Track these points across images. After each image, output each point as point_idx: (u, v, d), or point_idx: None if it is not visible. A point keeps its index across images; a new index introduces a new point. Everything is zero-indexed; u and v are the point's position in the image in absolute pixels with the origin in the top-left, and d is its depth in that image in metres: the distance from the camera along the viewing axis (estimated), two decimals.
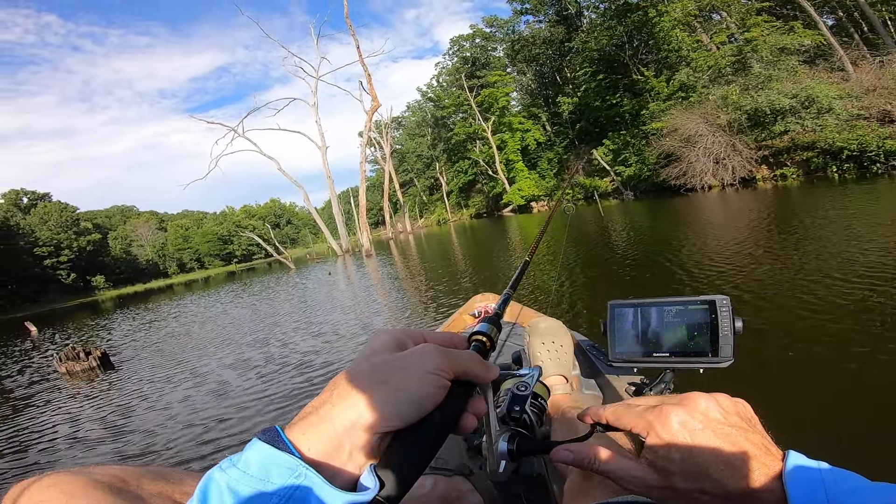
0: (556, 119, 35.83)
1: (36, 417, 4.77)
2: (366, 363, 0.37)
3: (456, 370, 0.38)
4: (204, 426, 3.50)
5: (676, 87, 19.67)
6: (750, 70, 16.32)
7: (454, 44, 43.76)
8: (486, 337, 0.44)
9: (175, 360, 6.39)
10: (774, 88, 14.34)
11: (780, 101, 13.94)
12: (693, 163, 16.21)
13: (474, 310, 2.49)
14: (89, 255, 57.64)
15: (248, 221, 76.38)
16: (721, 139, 15.67)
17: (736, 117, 15.34)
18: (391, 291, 8.96)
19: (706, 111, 16.27)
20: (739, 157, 15.38)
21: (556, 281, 5.79)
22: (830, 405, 2.04)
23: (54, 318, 23.50)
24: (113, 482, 0.44)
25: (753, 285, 4.04)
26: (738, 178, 15.53)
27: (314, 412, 0.34)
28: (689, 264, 5.43)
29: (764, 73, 15.06)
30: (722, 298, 0.56)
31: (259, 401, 3.78)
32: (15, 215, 53.64)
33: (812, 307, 3.22)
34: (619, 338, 0.63)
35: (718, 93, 16.16)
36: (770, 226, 7.14)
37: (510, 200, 34.55)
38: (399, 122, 56.18)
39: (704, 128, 15.97)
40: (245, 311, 10.47)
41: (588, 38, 27.20)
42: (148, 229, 72.42)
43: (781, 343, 2.79)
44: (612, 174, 25.01)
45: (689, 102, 17.83)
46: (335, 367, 4.26)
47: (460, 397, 0.39)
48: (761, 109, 14.48)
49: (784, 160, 14.77)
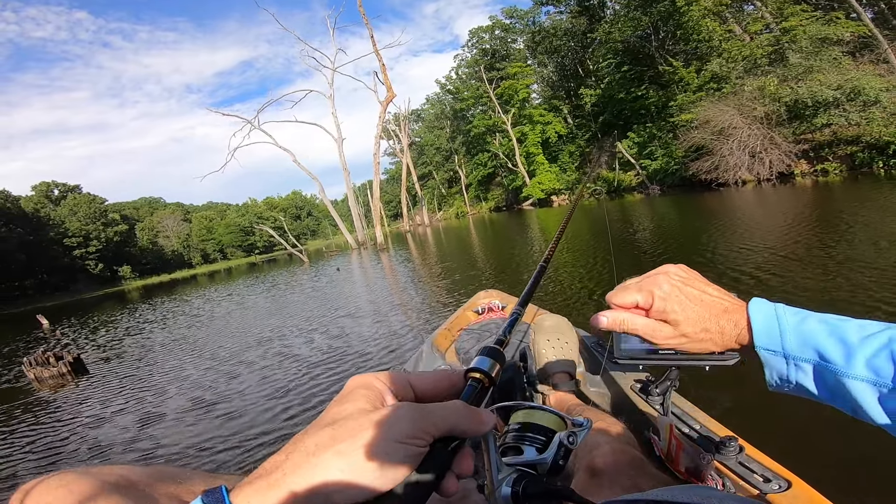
0: (578, 111, 35.13)
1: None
2: (328, 428, 0.32)
3: (434, 431, 0.33)
4: (151, 447, 3.32)
5: (708, 78, 18.86)
6: (787, 61, 15.51)
7: (473, 35, 43.18)
8: (483, 375, 0.38)
9: (155, 366, 6.15)
10: (817, 79, 13.55)
11: (823, 93, 13.17)
12: (726, 156, 15.49)
13: (478, 306, 2.46)
14: (116, 246, 59.27)
15: (269, 213, 77.56)
16: (757, 132, 14.92)
17: (774, 109, 14.57)
18: (399, 291, 8.60)
19: (741, 102, 15.50)
20: (778, 150, 14.62)
21: (607, 274, 5.48)
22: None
23: (77, 309, 24.11)
24: (121, 482, 0.44)
25: (791, 287, 3.75)
26: (776, 173, 14.80)
27: (265, 476, 0.31)
28: (721, 262, 5.17)
29: (804, 64, 14.22)
30: None
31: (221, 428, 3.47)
32: (45, 207, 55.44)
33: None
34: (625, 336, 0.60)
35: (755, 84, 15.37)
36: (813, 223, 6.67)
37: (530, 194, 34.05)
38: (418, 115, 55.91)
39: (740, 120, 15.22)
40: (246, 312, 10.06)
41: (612, 28, 26.53)
42: (174, 220, 74.05)
43: None
44: (637, 168, 24.32)
45: (721, 94, 17.04)
46: (316, 393, 3.83)
47: (442, 456, 0.34)
48: (802, 101, 13.71)
49: (825, 154, 14.00)
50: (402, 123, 34.64)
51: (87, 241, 55.81)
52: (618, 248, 7.57)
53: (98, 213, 58.03)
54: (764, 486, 0.76)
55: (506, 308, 2.45)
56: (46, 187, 59.18)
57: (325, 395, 3.66)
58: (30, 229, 48.52)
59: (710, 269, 4.93)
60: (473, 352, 1.74)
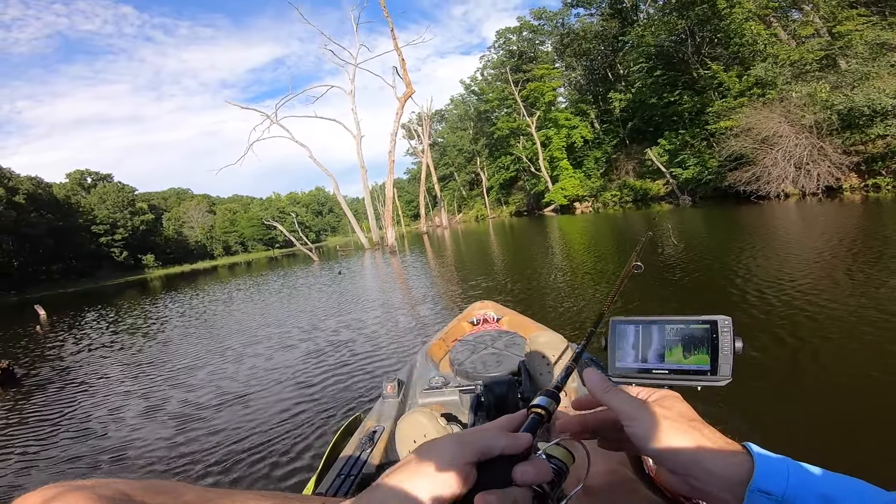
0: (605, 116, 34.15)
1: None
2: (413, 454, 0.43)
3: (477, 455, 0.42)
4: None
5: (751, 83, 17.77)
6: (839, 67, 14.41)
7: (500, 36, 42.50)
8: (543, 410, 0.48)
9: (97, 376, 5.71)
10: (875, 86, 12.47)
11: (882, 100, 12.12)
12: (769, 167, 14.45)
13: (473, 317, 2.51)
14: (142, 235, 60.61)
15: (291, 208, 78.39)
16: (805, 141, 13.85)
17: (825, 117, 13.51)
18: (401, 302, 7.82)
19: (788, 110, 14.45)
20: (828, 162, 13.52)
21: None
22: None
23: (95, 298, 24.31)
24: (116, 496, 0.44)
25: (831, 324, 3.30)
26: (822, 187, 13.73)
27: (374, 489, 0.41)
28: (754, 284, 4.73)
29: (861, 70, 13.12)
30: (724, 319, 0.57)
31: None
32: (77, 194, 57.05)
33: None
34: (620, 354, 0.63)
35: (805, 90, 14.30)
36: (868, 245, 5.88)
37: (552, 199, 33.18)
38: (441, 116, 55.52)
39: (786, 128, 14.17)
40: (236, 316, 9.45)
41: (645, 32, 25.60)
42: (199, 212, 75.40)
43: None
44: (668, 176, 23.25)
45: (765, 100, 15.98)
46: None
47: (495, 473, 0.41)
48: (857, 109, 12.64)
49: (878, 168, 12.89)
50: (424, 123, 34.21)
51: (114, 228, 57.22)
52: (620, 257, 7.08)
53: (126, 201, 59.45)
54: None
55: (501, 320, 2.45)
56: (80, 175, 60.92)
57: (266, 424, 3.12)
58: (60, 215, 49.94)
59: (734, 285, 4.35)
60: (468, 363, 1.80)
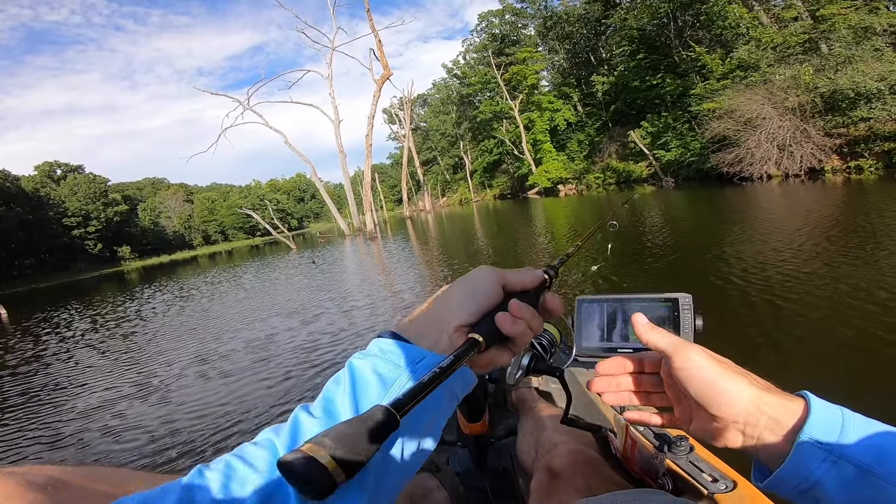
0: (588, 99, 34.06)
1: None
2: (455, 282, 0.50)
3: (502, 281, 0.49)
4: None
5: (734, 66, 17.78)
6: (820, 51, 14.50)
7: (482, 20, 41.80)
8: (553, 270, 0.56)
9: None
10: (859, 69, 12.57)
11: (867, 84, 12.18)
12: (752, 149, 14.52)
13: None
14: (117, 226, 58.74)
15: (272, 195, 76.75)
16: (789, 123, 13.93)
17: (808, 99, 13.56)
18: (378, 289, 7.75)
19: (772, 92, 14.49)
20: (811, 144, 13.65)
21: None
22: None
23: (68, 293, 23.41)
24: (50, 483, 0.42)
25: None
26: (805, 169, 13.86)
27: (422, 315, 0.49)
28: (736, 263, 4.78)
29: (845, 53, 13.19)
30: (685, 296, 0.58)
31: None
32: (46, 186, 54.78)
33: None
34: (586, 333, 0.64)
35: (788, 72, 14.34)
36: (850, 225, 5.96)
37: (536, 182, 33.17)
38: (424, 100, 54.66)
39: (770, 110, 14.23)
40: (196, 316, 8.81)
41: (627, 15, 25.44)
42: (176, 201, 73.20)
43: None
44: (651, 158, 23.34)
45: (749, 82, 16.02)
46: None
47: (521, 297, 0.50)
48: (841, 91, 12.73)
49: (861, 151, 13.06)
50: (405, 107, 33.60)
51: (87, 220, 55.28)
52: (618, 243, 6.95)
53: (98, 192, 57.31)
54: (712, 486, 0.77)
55: None
56: (49, 167, 58.36)
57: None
58: (29, 209, 48.00)
59: (716, 267, 4.26)
60: None
